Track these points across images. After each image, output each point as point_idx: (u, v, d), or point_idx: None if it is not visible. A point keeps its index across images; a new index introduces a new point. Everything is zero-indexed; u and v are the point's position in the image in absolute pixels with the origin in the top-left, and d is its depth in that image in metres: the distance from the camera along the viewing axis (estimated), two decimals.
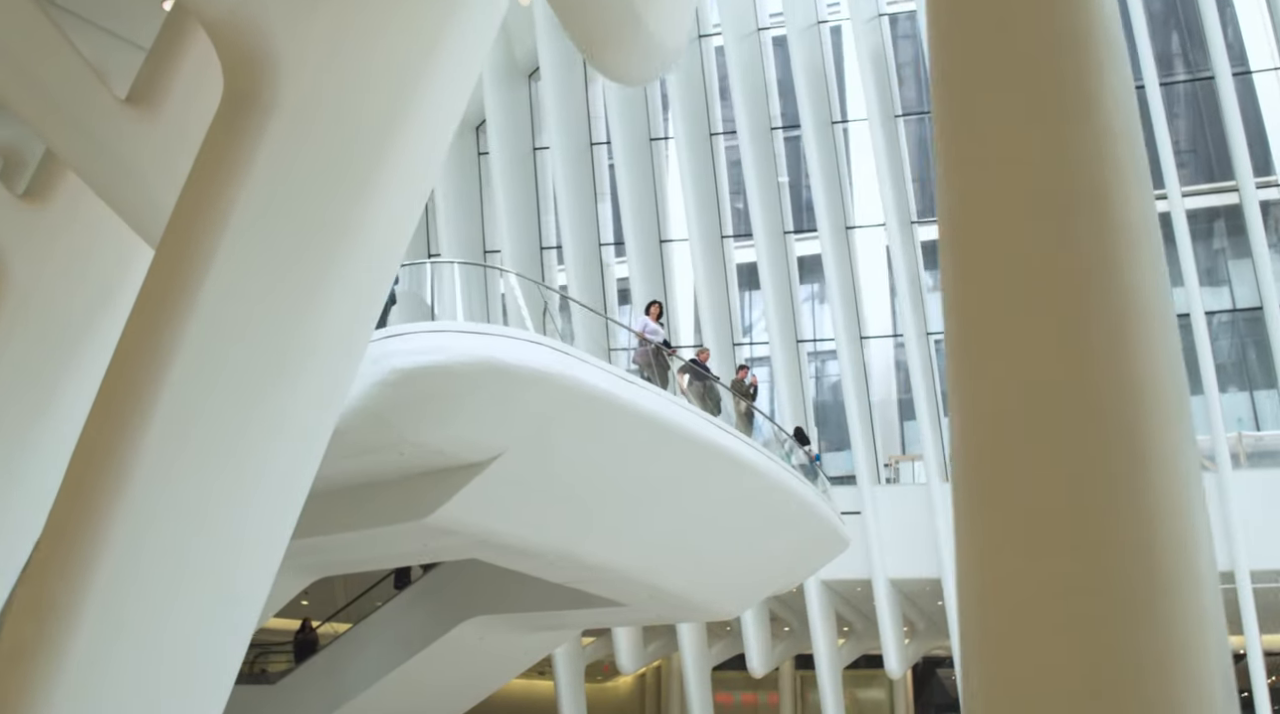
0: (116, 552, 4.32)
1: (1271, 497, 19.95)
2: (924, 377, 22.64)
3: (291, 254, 4.58)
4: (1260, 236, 20.82)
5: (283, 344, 4.59)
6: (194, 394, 4.44)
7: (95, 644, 4.25)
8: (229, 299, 4.45)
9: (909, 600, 23.28)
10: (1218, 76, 21.18)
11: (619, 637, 24.07)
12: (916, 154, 25.20)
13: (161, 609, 4.49)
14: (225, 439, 4.54)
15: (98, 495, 4.33)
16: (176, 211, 4.63)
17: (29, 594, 4.32)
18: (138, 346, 4.46)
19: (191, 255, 4.40)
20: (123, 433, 4.38)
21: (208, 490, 4.53)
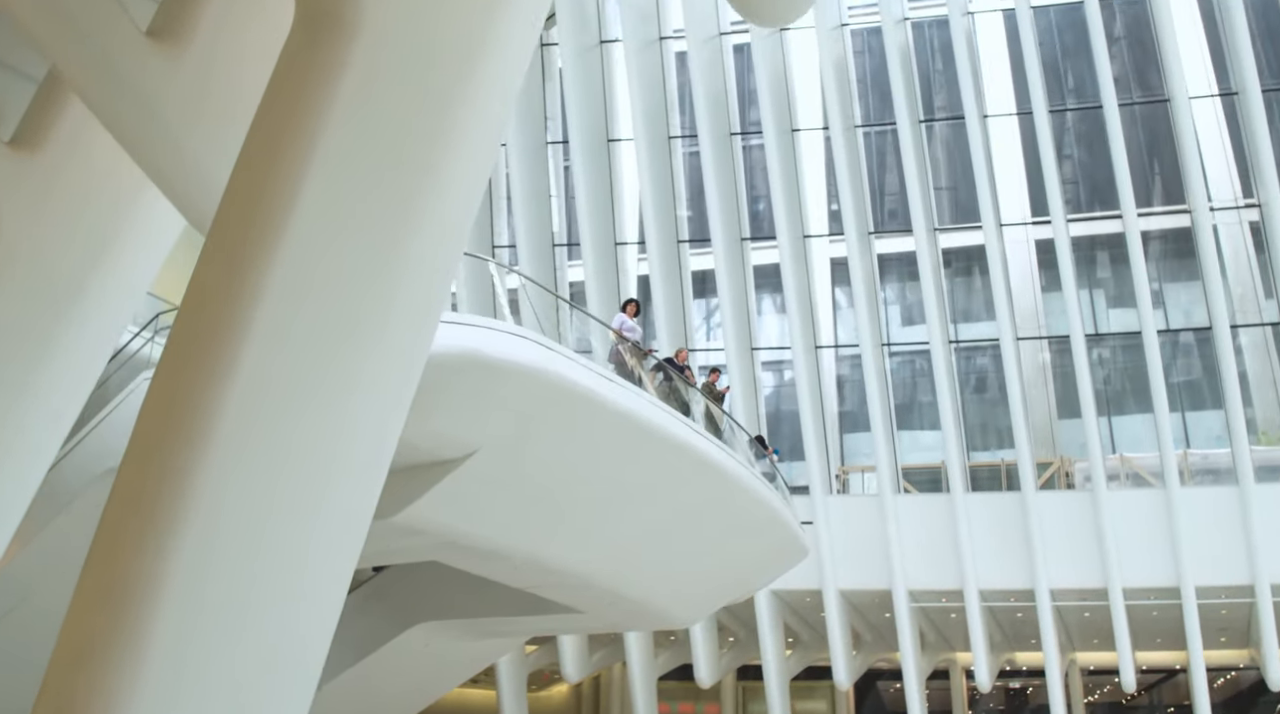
0: (196, 527, 3.83)
1: (1215, 514, 20.29)
2: (879, 388, 22.65)
3: (376, 194, 4.14)
4: (1212, 254, 21.24)
5: (369, 293, 4.15)
6: (277, 347, 3.97)
7: (176, 634, 3.75)
8: (313, 245, 4.00)
9: (857, 612, 23.23)
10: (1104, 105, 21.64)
11: (564, 645, 23.63)
12: (875, 165, 25.29)
13: (244, 588, 4.01)
14: (310, 396, 4.08)
15: (174, 465, 3.83)
16: (250, 150, 4.16)
17: (97, 581, 3.81)
18: (215, 298, 3.98)
19: (272, 197, 3.94)
20: (201, 394, 3.89)
21: (291, 455, 4.07)
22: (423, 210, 4.26)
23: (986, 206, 22.29)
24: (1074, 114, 24.94)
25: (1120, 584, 20.34)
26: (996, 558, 21.12)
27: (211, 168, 5.09)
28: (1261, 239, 22.91)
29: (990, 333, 24.14)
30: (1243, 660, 24.94)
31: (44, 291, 5.79)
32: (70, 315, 5.89)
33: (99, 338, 6.14)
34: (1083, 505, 21.08)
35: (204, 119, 5.09)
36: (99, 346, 6.21)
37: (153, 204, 6.11)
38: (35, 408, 5.83)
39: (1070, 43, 25.54)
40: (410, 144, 4.20)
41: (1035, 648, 24.30)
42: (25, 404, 5.78)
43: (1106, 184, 24.35)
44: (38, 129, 5.83)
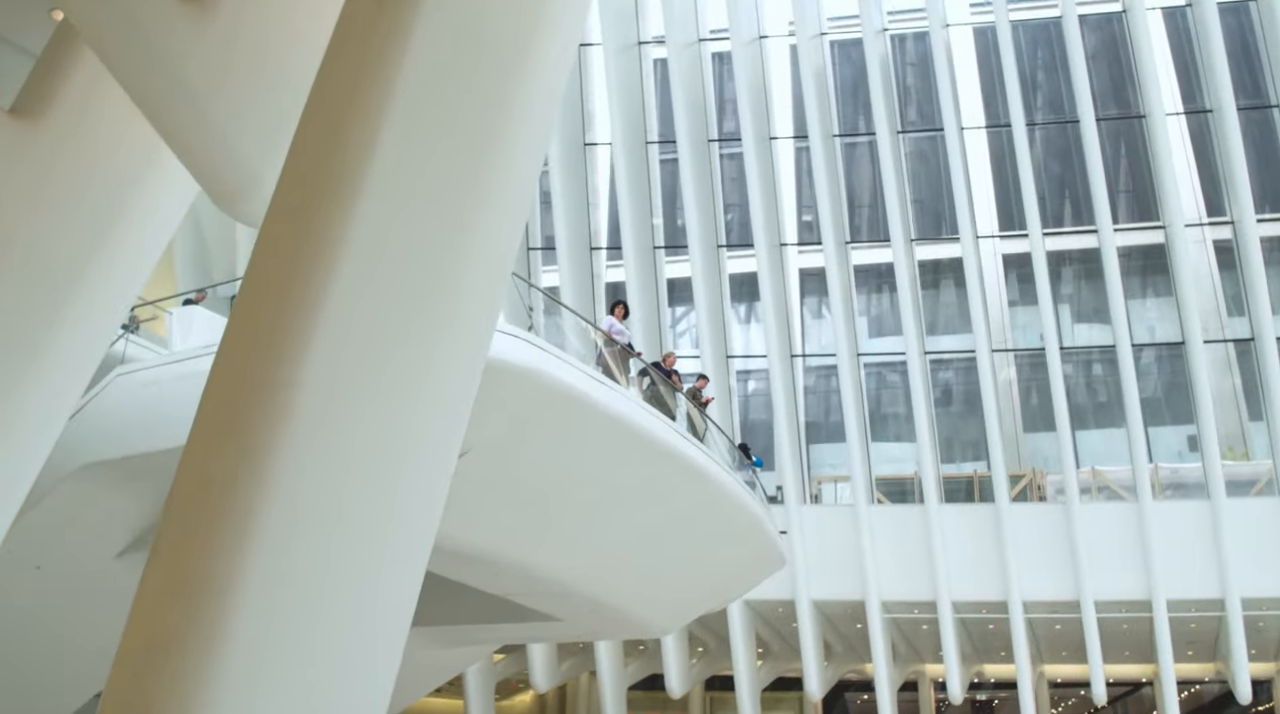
0: (276, 511, 3.55)
1: (1186, 528, 20.45)
2: (855, 398, 22.61)
3: (443, 161, 3.90)
4: (1188, 272, 21.44)
5: (441, 262, 3.91)
6: (354, 320, 3.71)
7: (257, 625, 3.47)
8: (386, 213, 3.74)
9: (828, 622, 23.14)
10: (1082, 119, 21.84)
11: (534, 653, 23.30)
12: (853, 175, 25.31)
13: (324, 573, 3.72)
14: (386, 371, 3.82)
15: (252, 447, 3.55)
16: (314, 118, 3.90)
17: (169, 572, 3.51)
18: (288, 273, 3.70)
19: (344, 163, 3.69)
20: (277, 371, 3.62)
21: (368, 431, 3.80)
22: (488, 178, 4.05)
23: (965, 220, 22.37)
24: (1040, 130, 25.09)
25: (1092, 596, 20.42)
26: (970, 569, 21.12)
27: (235, 135, 4.82)
28: (1226, 257, 23.20)
29: (956, 345, 24.24)
30: (1208, 674, 25.17)
31: (44, 273, 5.42)
32: (71, 299, 5.53)
33: (100, 324, 5.80)
34: (1055, 518, 21.16)
35: (230, 84, 4.81)
36: (100, 333, 5.87)
37: (159, 181, 5.80)
38: (33, 397, 5.47)
39: (1042, 59, 25.75)
40: (475, 110, 3.99)
41: (1004, 660, 24.36)
42: (22, 393, 5.42)
43: (1074, 199, 24.57)
44: (41, 97, 5.46)
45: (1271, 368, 20.76)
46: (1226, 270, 23.53)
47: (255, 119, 4.90)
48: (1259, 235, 21.13)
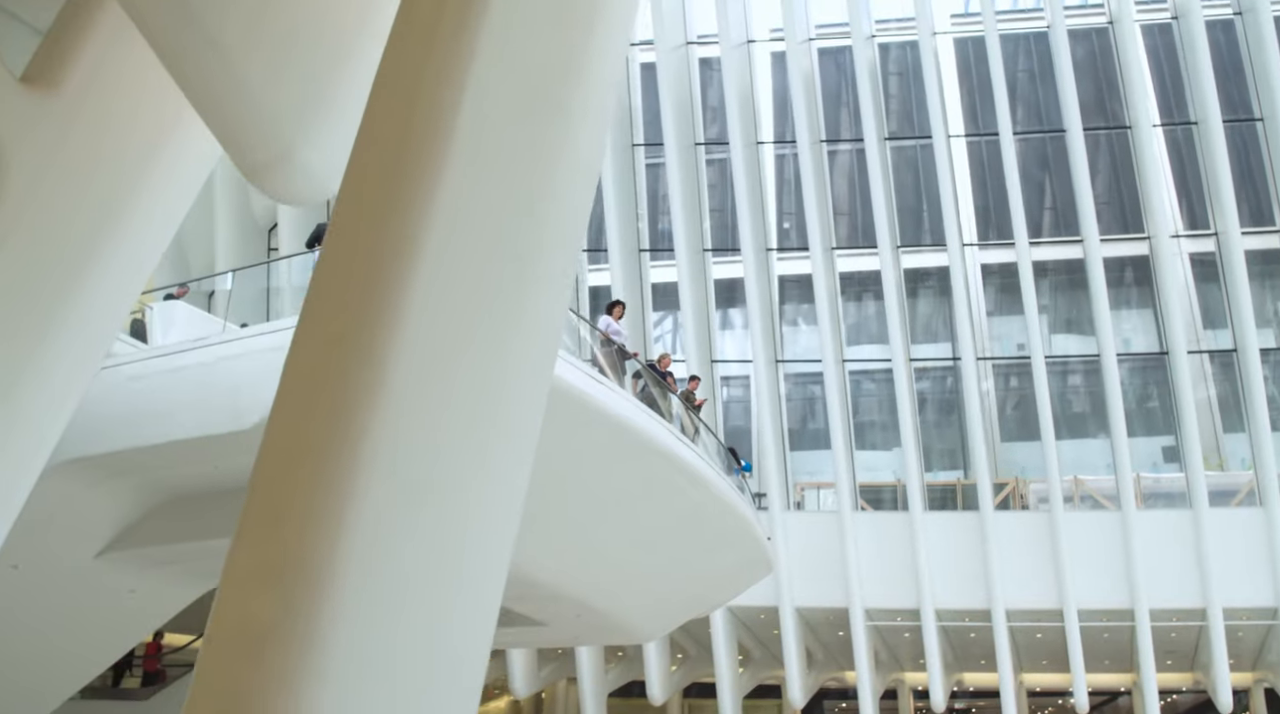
0: (376, 489, 3.35)
1: (1169, 538, 20.52)
2: (840, 405, 22.54)
3: (520, 129, 3.75)
4: (1173, 283, 21.54)
5: (523, 229, 3.75)
6: (444, 283, 3.53)
7: (360, 609, 3.27)
8: (470, 175, 3.58)
9: (810, 630, 23.04)
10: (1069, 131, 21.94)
11: (513, 659, 23.04)
12: (839, 181, 25.29)
13: (426, 552, 3.56)
14: (476, 335, 3.67)
15: (345, 417, 3.33)
16: (391, 86, 3.72)
17: (260, 555, 3.29)
18: (375, 242, 3.51)
19: (426, 131, 3.51)
20: (371, 334, 3.42)
21: (461, 397, 3.63)
22: (562, 149, 3.90)
23: (951, 229, 22.40)
24: (1019, 141, 25.14)
25: (1076, 605, 20.43)
26: (953, 577, 21.09)
27: (269, 101, 4.61)
28: (1201, 269, 23.35)
29: (933, 354, 24.26)
30: (1186, 684, 25.29)
31: (53, 253, 5.15)
32: (82, 280, 5.24)
33: (110, 308, 5.54)
34: (1039, 526, 21.17)
35: (264, 44, 4.60)
36: (110, 317, 5.61)
37: (174, 158, 5.54)
38: (39, 385, 5.20)
39: (1021, 70, 25.85)
40: (549, 80, 3.86)
41: (984, 669, 24.35)
42: (28, 380, 5.15)
43: (1053, 210, 24.66)
44: (55, 64, 5.18)
45: (1255, 379, 20.89)
46: (1202, 283, 23.68)
47: (290, 83, 4.70)
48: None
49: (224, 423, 9.66)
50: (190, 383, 9.95)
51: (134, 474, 10.70)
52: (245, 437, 9.80)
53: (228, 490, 11.25)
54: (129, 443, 9.95)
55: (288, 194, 5.08)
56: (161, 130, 5.47)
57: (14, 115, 4.96)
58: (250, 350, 9.98)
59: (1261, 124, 22.86)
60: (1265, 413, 20.69)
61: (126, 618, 12.76)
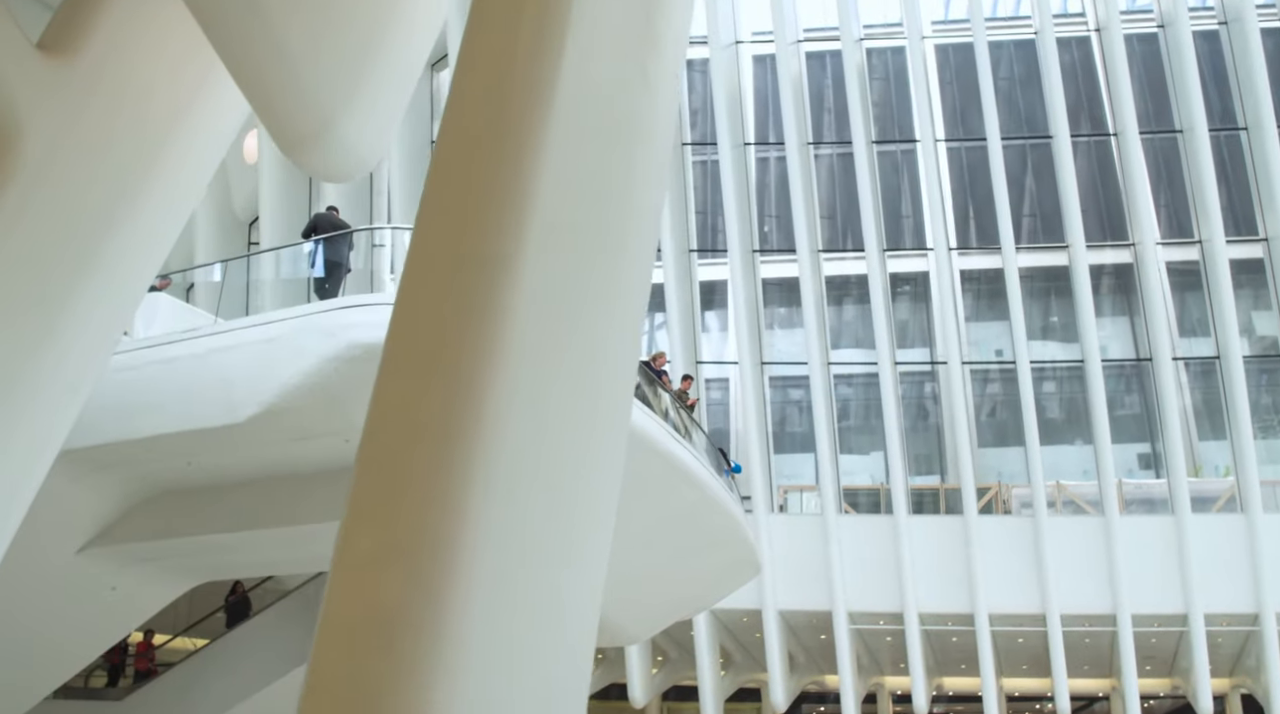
0: (497, 461, 3.18)
1: (1152, 544, 20.61)
2: (825, 407, 22.49)
3: (605, 110, 3.65)
4: (1157, 290, 21.67)
5: (616, 210, 3.62)
6: (552, 253, 3.39)
7: (487, 591, 3.11)
8: (569, 155, 3.46)
9: (792, 633, 22.96)
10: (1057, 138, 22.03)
11: None
12: (825, 184, 25.26)
13: (545, 529, 3.42)
14: (582, 305, 3.58)
15: (466, 390, 3.19)
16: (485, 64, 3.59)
17: (382, 537, 3.11)
18: (487, 195, 3.37)
19: (523, 117, 3.38)
20: (484, 307, 3.30)
21: (569, 369, 3.53)
22: (639, 131, 3.81)
23: (939, 234, 22.43)
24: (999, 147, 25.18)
25: (1059, 610, 20.48)
26: (936, 581, 21.09)
27: (310, 70, 4.43)
28: (1178, 278, 23.50)
29: (910, 359, 24.28)
30: (1164, 689, 25.43)
31: (70, 227, 4.91)
32: (98, 255, 4.99)
33: (127, 286, 5.30)
34: (1023, 531, 21.20)
35: (306, 14, 4.41)
36: (127, 295, 5.37)
37: (194, 131, 5.32)
38: (55, 365, 4.96)
39: (1002, 78, 25.91)
40: (627, 59, 3.77)
41: (964, 673, 24.38)
42: (44, 359, 4.91)
43: (1033, 216, 24.73)
44: (73, 31, 4.93)
45: (1238, 386, 21.03)
46: (1177, 291, 23.82)
47: (332, 53, 4.52)
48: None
49: (217, 416, 9.44)
50: (181, 375, 9.71)
51: (120, 468, 10.44)
52: (237, 431, 9.59)
53: (214, 486, 11.01)
54: (118, 436, 9.69)
55: (326, 169, 4.90)
56: (180, 103, 5.27)
57: (31, 83, 4.73)
58: (243, 342, 9.75)
59: (1245, 133, 23.05)
60: (1248, 420, 20.84)
61: (107, 615, 12.47)
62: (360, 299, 9.43)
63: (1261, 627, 19.97)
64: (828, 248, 24.73)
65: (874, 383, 24.04)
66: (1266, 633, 19.82)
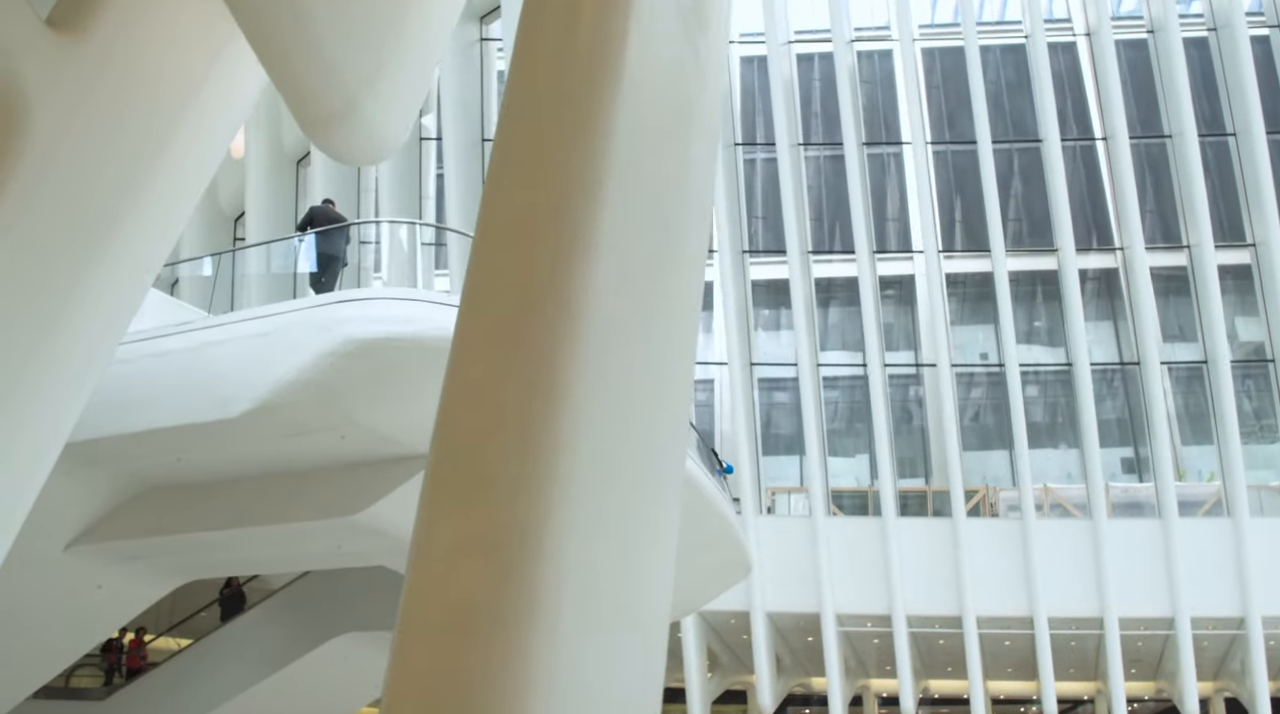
0: (586, 446, 3.07)
1: (1138, 546, 20.68)
2: (815, 410, 22.46)
3: (667, 102, 3.61)
4: (1146, 295, 21.75)
5: (680, 197, 3.58)
6: (623, 236, 3.30)
7: (578, 583, 3.02)
8: (634, 148, 3.39)
9: (779, 635, 22.91)
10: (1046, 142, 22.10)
11: None
12: (816, 186, 25.25)
13: (630, 519, 3.35)
14: (651, 286, 3.52)
15: (546, 379, 3.06)
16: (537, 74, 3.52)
17: (466, 527, 2.98)
18: (564, 184, 3.29)
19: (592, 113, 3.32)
20: (562, 289, 3.22)
21: (644, 350, 3.47)
22: (693, 112, 3.74)
23: (929, 237, 22.47)
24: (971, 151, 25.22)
25: (1046, 613, 20.52)
26: (925, 584, 21.09)
27: (336, 47, 4.30)
28: (1161, 284, 23.59)
29: (894, 361, 24.29)
30: (1149, 693, 25.53)
31: (79, 210, 4.75)
32: (107, 240, 4.83)
33: (136, 272, 5.15)
34: (1010, 534, 21.23)
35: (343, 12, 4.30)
36: (136, 281, 5.21)
37: (205, 112, 5.18)
38: (63, 354, 4.81)
39: (989, 82, 25.96)
40: (683, 38, 3.70)
41: (950, 676, 24.40)
42: (51, 348, 4.76)
43: (1017, 221, 24.79)
44: (83, 7, 4.74)
45: (1225, 391, 21.14)
46: (1161, 297, 23.91)
47: (358, 31, 4.40)
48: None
49: (209, 411, 9.29)
50: (174, 369, 9.55)
51: (109, 464, 10.26)
52: (230, 426, 9.43)
53: (205, 483, 10.85)
54: (108, 430, 9.51)
55: (350, 151, 4.79)
56: (192, 83, 5.13)
57: (39, 59, 4.58)
58: (237, 336, 9.61)
59: (1234, 139, 23.18)
60: (1235, 425, 20.95)
61: (92, 614, 12.27)
62: (357, 293, 9.32)
63: (1247, 630, 20.07)
64: (815, 249, 24.72)
65: (858, 386, 24.07)
66: (1252, 636, 19.91)
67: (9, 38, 4.47)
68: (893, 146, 25.45)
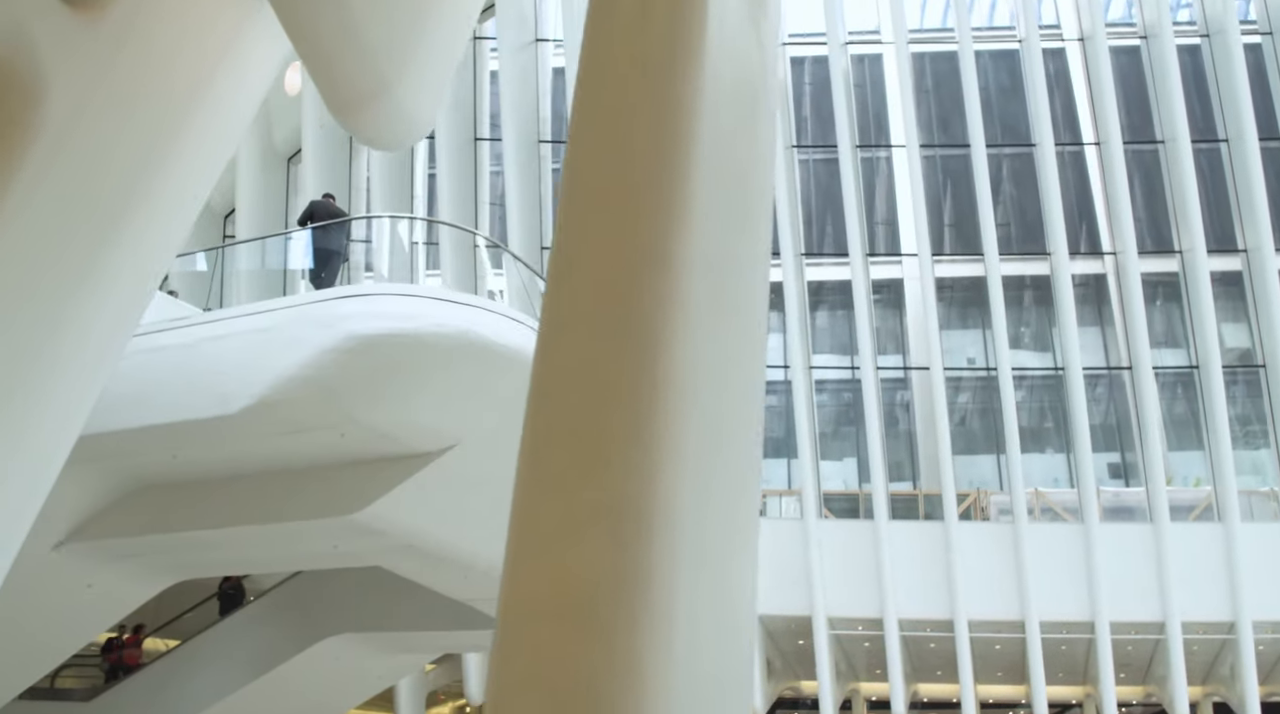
0: (696, 416, 2.97)
1: (1129, 551, 20.72)
2: (807, 412, 22.42)
3: (740, 47, 3.53)
4: (1138, 300, 21.81)
5: (753, 188, 3.52)
6: (710, 213, 3.23)
7: (692, 556, 2.93)
8: (716, 103, 3.32)
9: (770, 638, 22.84)
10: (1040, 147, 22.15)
11: (469, 663, 22.48)
12: (807, 188, 25.22)
13: (733, 493, 3.26)
14: (736, 262, 3.48)
15: (649, 341, 2.97)
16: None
17: (577, 501, 2.87)
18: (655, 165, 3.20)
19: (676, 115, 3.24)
20: (660, 262, 3.11)
21: (732, 328, 3.39)
22: (759, 95, 3.69)
23: (923, 241, 22.45)
24: (972, 157, 25.25)
25: (1038, 617, 20.52)
26: (917, 587, 21.07)
27: (369, 25, 4.17)
28: (1149, 289, 23.66)
29: (881, 365, 24.30)
30: (1137, 697, 25.58)
31: (94, 191, 4.62)
32: (122, 223, 4.70)
33: (150, 258, 5.01)
34: (1002, 538, 21.23)
35: None
36: (150, 267, 5.08)
37: (222, 93, 5.04)
38: (74, 346, 4.67)
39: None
40: (748, 20, 3.62)
41: (940, 679, 24.38)
42: (62, 340, 4.62)
43: (1005, 226, 24.80)
44: None
45: (1217, 397, 21.21)
46: (1148, 302, 23.97)
47: (392, 11, 4.28)
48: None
49: (207, 407, 9.15)
50: (170, 364, 9.41)
51: (102, 461, 10.09)
52: (228, 423, 9.29)
53: (199, 481, 10.69)
54: (102, 426, 9.32)
55: (379, 134, 4.68)
56: (209, 63, 5.01)
57: (56, 36, 4.45)
58: (235, 332, 9.48)
59: (1225, 145, 23.27)
60: (1227, 430, 21.02)
61: (80, 613, 12.10)
62: (358, 289, 9.20)
63: (1238, 635, 20.12)
64: (805, 253, 24.69)
65: (846, 389, 24.06)
66: (1243, 641, 19.97)
67: (26, 14, 4.35)
68: (882, 150, 25.47)
